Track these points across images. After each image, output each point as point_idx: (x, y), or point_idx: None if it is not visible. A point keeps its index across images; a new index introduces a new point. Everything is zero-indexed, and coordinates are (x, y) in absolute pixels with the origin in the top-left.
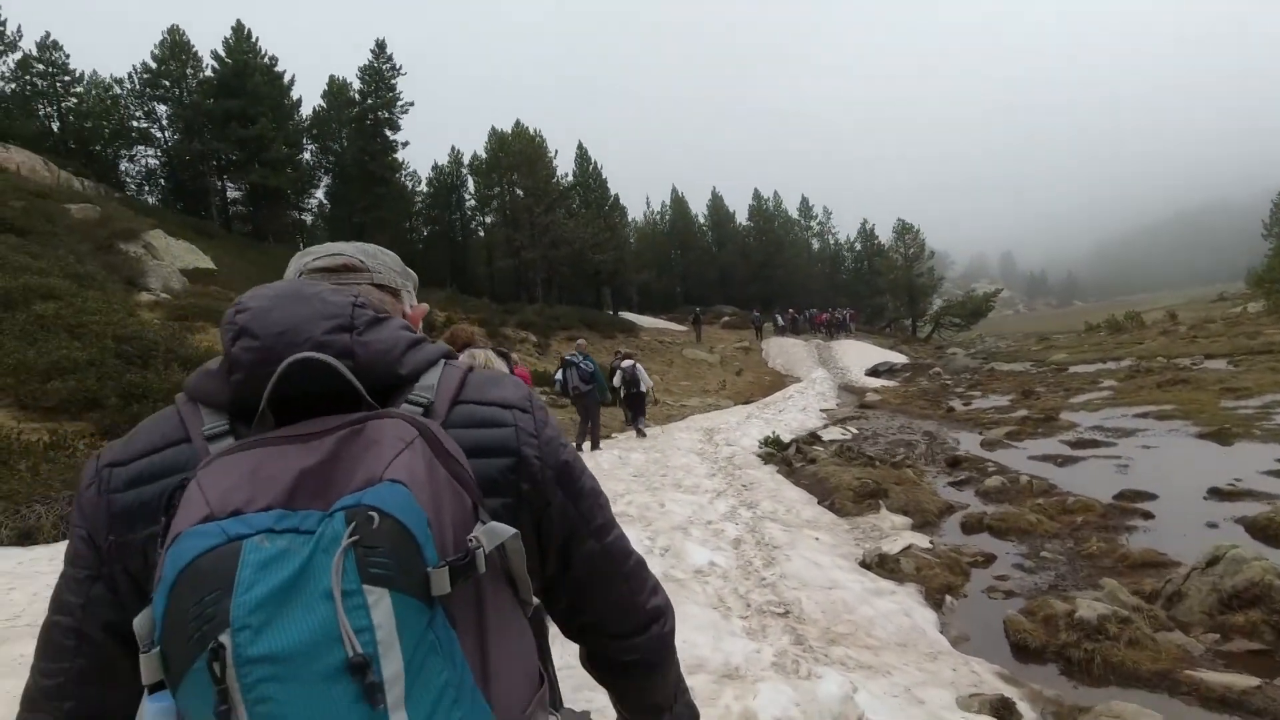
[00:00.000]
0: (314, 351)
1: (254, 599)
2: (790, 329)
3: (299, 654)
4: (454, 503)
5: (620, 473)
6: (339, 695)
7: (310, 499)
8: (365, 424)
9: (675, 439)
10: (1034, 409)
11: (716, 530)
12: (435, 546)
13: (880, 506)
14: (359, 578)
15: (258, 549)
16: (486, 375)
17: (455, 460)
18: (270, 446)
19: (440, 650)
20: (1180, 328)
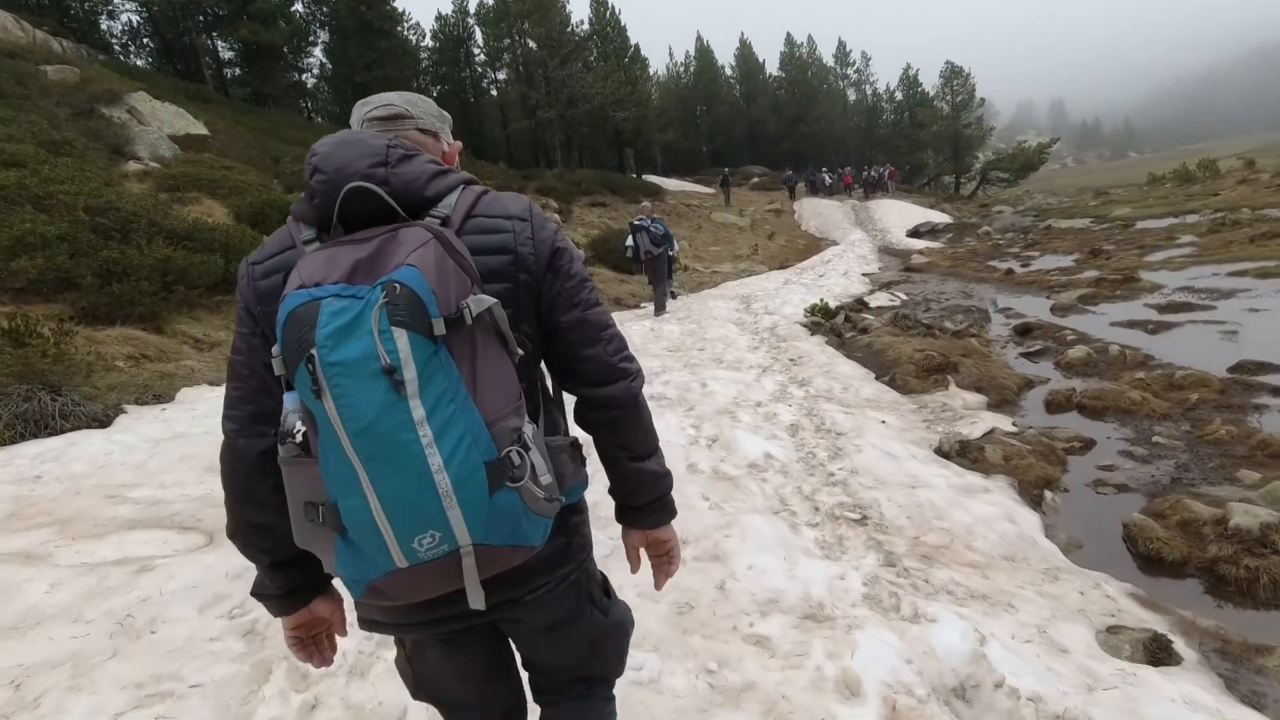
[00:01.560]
0: (362, 181)
1: (328, 330)
2: (823, 189)
3: (355, 362)
4: (458, 282)
5: (653, 347)
6: (380, 386)
7: (364, 277)
8: (398, 231)
9: (710, 307)
10: (1106, 269)
11: (768, 414)
12: (439, 305)
13: (949, 382)
14: (389, 322)
15: (330, 305)
16: (497, 195)
17: (461, 255)
18: (339, 246)
19: (442, 369)
20: (1262, 175)
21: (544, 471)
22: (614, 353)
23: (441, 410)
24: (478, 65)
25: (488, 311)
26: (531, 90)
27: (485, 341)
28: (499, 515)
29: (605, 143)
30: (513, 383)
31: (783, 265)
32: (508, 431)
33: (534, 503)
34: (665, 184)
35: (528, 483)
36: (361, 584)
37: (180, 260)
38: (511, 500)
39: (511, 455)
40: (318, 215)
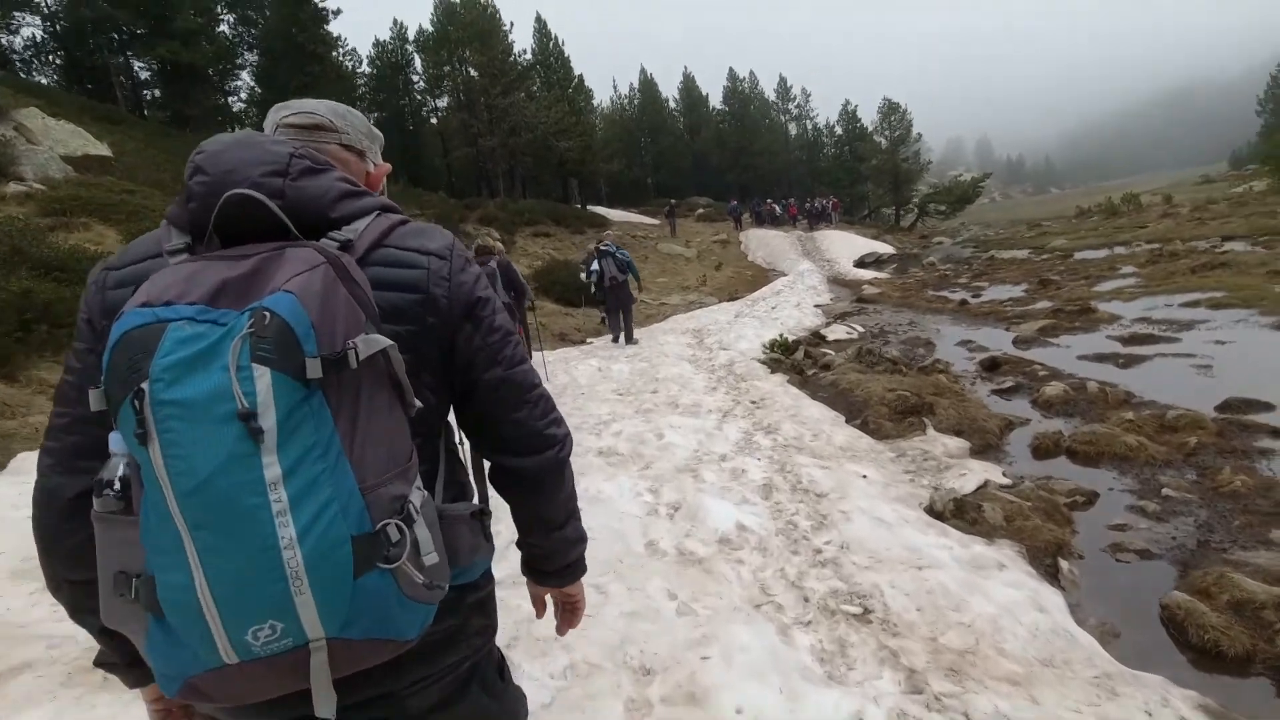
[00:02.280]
0: (250, 190)
1: (169, 362)
2: (769, 220)
3: (198, 402)
4: (349, 316)
5: (602, 389)
6: (224, 434)
7: (232, 301)
8: (285, 250)
9: (661, 343)
10: (1059, 299)
11: (735, 471)
12: (319, 343)
13: (926, 426)
14: (249, 358)
15: (179, 330)
16: (418, 226)
17: (357, 285)
18: (209, 261)
19: (312, 419)
20: (1181, 210)
21: (429, 550)
22: (541, 417)
23: (304, 470)
24: (417, 92)
25: (382, 354)
26: (473, 118)
27: (374, 390)
28: (364, 603)
29: (549, 172)
30: (402, 441)
31: (732, 297)
32: (388, 500)
33: (411, 588)
34: (610, 214)
35: (405, 564)
36: (176, 681)
37: (45, 294)
38: (382, 585)
39: (389, 529)
40: (191, 222)
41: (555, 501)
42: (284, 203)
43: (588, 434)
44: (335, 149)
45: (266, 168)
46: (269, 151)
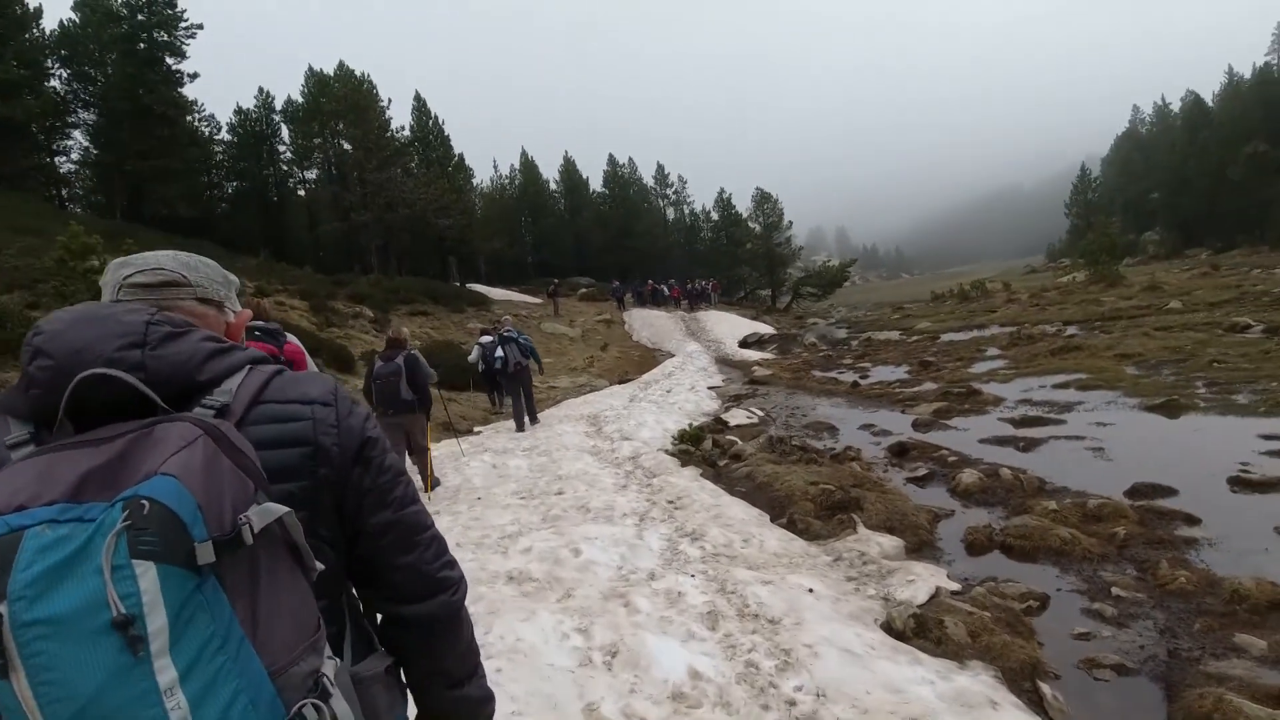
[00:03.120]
0: (105, 368)
1: (30, 575)
2: (651, 301)
3: (70, 617)
4: (237, 488)
5: (500, 491)
6: (105, 647)
7: (98, 492)
8: (154, 428)
9: (557, 432)
10: (942, 380)
11: (671, 594)
12: (207, 525)
13: (856, 523)
14: (128, 554)
15: (39, 536)
16: (294, 376)
17: (241, 453)
18: (64, 451)
19: (207, 609)
20: (1021, 296)
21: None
22: (433, 559)
23: (203, 667)
24: (283, 163)
25: (277, 523)
26: (346, 192)
27: (272, 561)
28: None
29: (428, 250)
30: (308, 610)
31: (623, 379)
32: (300, 679)
33: None
34: (491, 293)
35: None
36: None
37: None
38: None
39: (305, 712)
40: (34, 410)
41: (453, 652)
42: (145, 375)
43: (492, 552)
44: (190, 304)
45: (121, 340)
46: (121, 323)
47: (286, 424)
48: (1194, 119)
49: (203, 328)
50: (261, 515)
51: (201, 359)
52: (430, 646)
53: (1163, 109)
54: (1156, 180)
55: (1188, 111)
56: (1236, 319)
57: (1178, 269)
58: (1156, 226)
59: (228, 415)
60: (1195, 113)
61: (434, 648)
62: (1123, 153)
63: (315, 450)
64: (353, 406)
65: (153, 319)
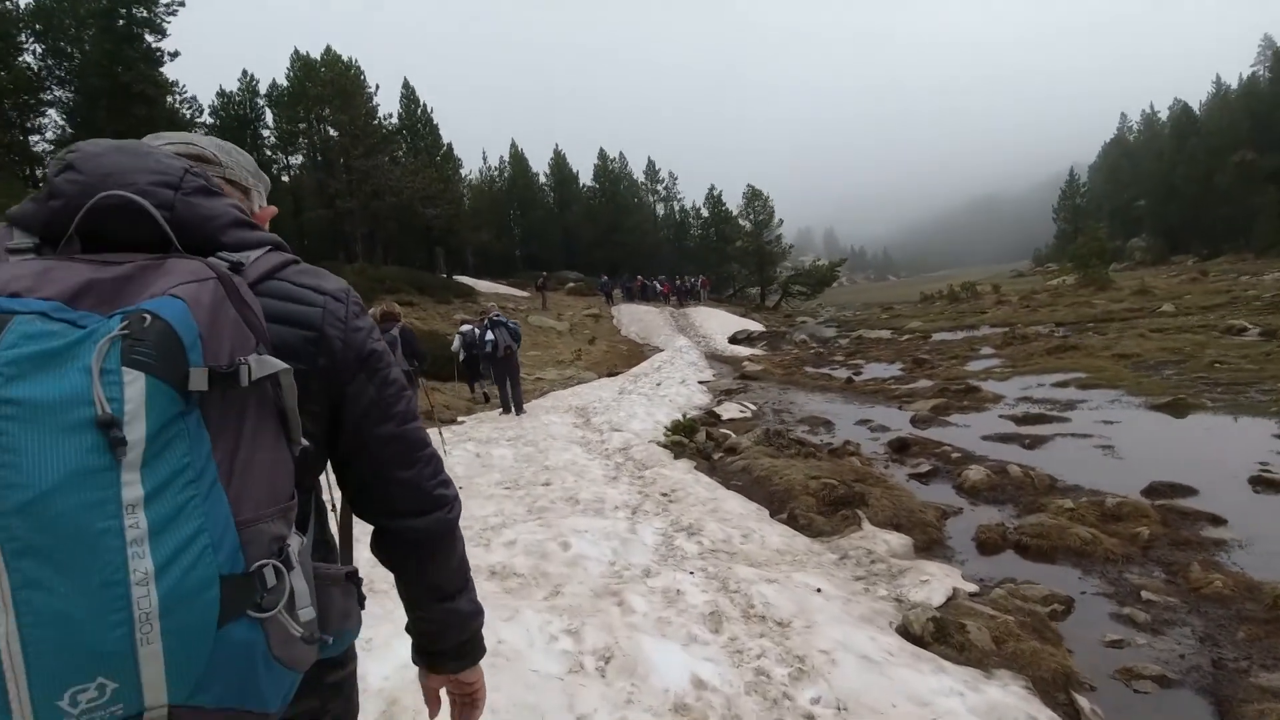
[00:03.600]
0: (135, 195)
1: (12, 355)
2: (639, 296)
3: (46, 405)
4: (237, 337)
5: (482, 481)
6: (76, 444)
7: (97, 304)
8: (166, 260)
9: (545, 423)
10: (937, 378)
11: (668, 593)
12: (205, 354)
13: (860, 519)
14: (120, 360)
15: (28, 323)
16: (311, 267)
17: (249, 309)
18: (66, 261)
19: (188, 437)
20: (1012, 299)
21: (306, 604)
22: (431, 476)
23: (171, 495)
24: (268, 148)
25: (273, 380)
26: (331, 179)
27: (259, 419)
28: (225, 660)
29: (414, 239)
30: (285, 477)
31: (611, 372)
32: (267, 539)
33: (284, 645)
34: (478, 285)
35: (281, 614)
36: None
37: None
38: (250, 638)
39: (265, 572)
40: (47, 222)
41: (447, 567)
42: (171, 215)
43: (473, 544)
44: (219, 183)
45: (156, 177)
46: (161, 163)
47: (296, 305)
48: (1182, 127)
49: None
50: (260, 365)
51: (228, 222)
52: (424, 561)
53: (1151, 117)
54: (1143, 188)
55: (1176, 120)
56: (1232, 322)
57: (1165, 274)
58: (1143, 233)
59: (241, 274)
60: (1183, 121)
61: (428, 562)
62: (1110, 160)
63: (320, 338)
64: (362, 312)
65: (191, 169)
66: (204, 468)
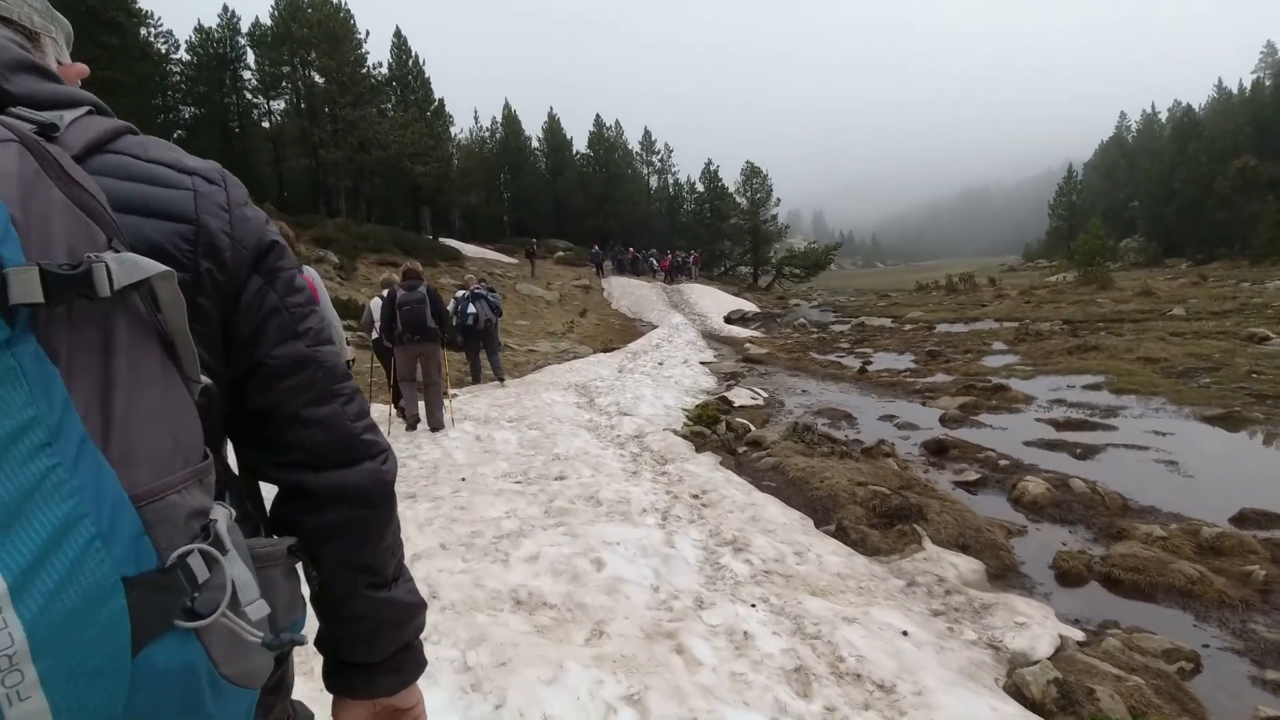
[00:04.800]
0: None
1: None
2: (630, 269)
3: None
4: (77, 231)
5: (488, 471)
6: None
7: None
8: None
9: (546, 402)
10: (955, 373)
11: (733, 634)
12: (28, 246)
13: (920, 537)
14: None
15: None
16: (160, 140)
17: (81, 188)
18: None
19: (25, 381)
20: (1011, 292)
21: (254, 596)
22: (356, 417)
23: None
24: (248, 90)
25: (147, 288)
26: (315, 127)
27: (137, 345)
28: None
29: (400, 197)
30: (192, 429)
31: (607, 348)
32: (182, 515)
33: (235, 658)
34: (465, 249)
35: (225, 616)
36: None
37: None
38: (184, 659)
39: (190, 562)
40: None
41: (379, 543)
42: None
43: (488, 559)
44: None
45: None
46: None
47: (151, 187)
48: (1184, 129)
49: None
50: (125, 267)
51: (10, 63)
52: (350, 532)
53: (1151, 117)
54: (1139, 188)
55: (1177, 122)
56: (1253, 330)
57: (1162, 277)
58: (1135, 234)
59: (58, 143)
60: (1185, 124)
61: (354, 534)
62: (1108, 158)
63: (197, 232)
64: (248, 198)
65: None
66: (61, 423)
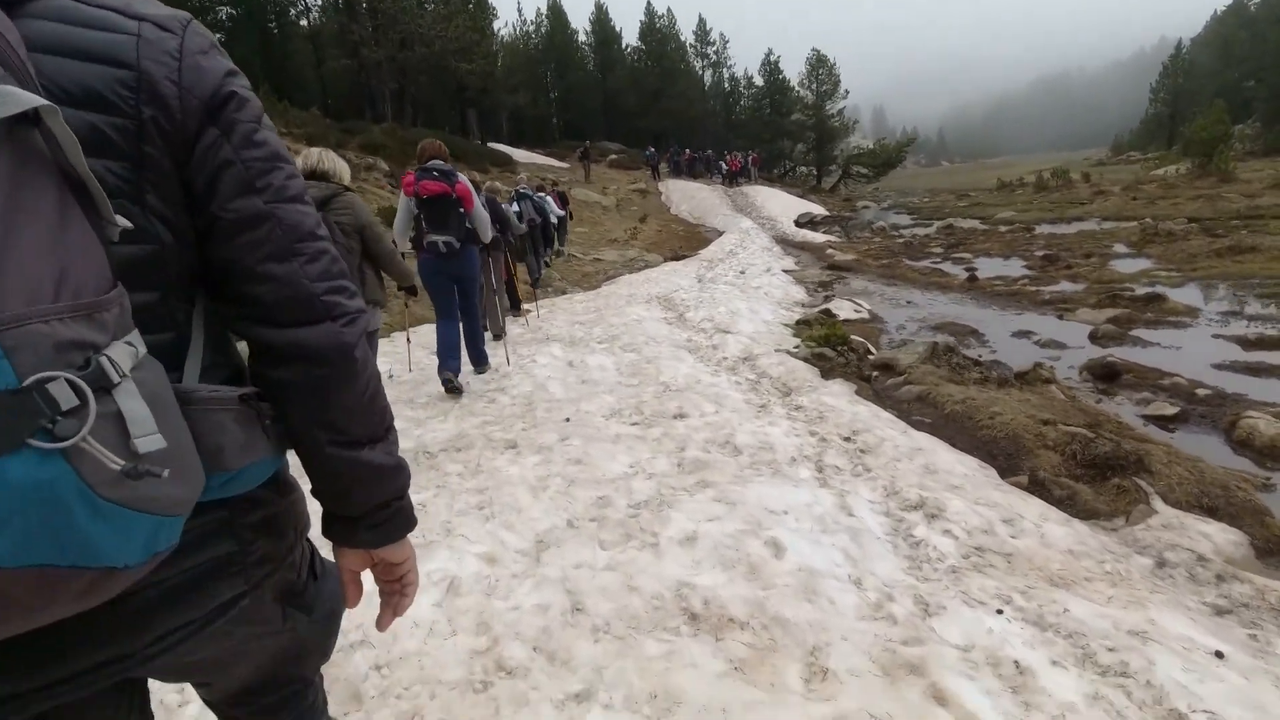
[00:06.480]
0: None
1: None
2: (688, 172)
3: None
4: None
5: (592, 408)
6: None
7: None
8: None
9: (634, 318)
10: (1084, 279)
11: (1000, 669)
12: None
13: (1148, 494)
14: None
15: None
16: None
17: None
18: None
19: None
20: (1113, 189)
21: (147, 430)
22: (318, 277)
23: None
24: None
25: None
26: (354, 24)
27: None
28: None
29: (445, 99)
30: (92, 268)
31: (676, 256)
32: (52, 344)
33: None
34: (514, 154)
35: (88, 444)
36: None
37: None
38: (43, 475)
39: (52, 388)
40: None
41: (345, 402)
42: None
43: (631, 543)
44: None
45: None
46: None
47: (88, 30)
48: None
49: None
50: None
51: None
52: (309, 391)
53: None
54: (1262, 64)
55: None
56: None
57: None
58: (1250, 118)
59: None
60: None
61: (314, 393)
62: (1224, 30)
63: (138, 78)
64: (211, 47)
65: None
66: None
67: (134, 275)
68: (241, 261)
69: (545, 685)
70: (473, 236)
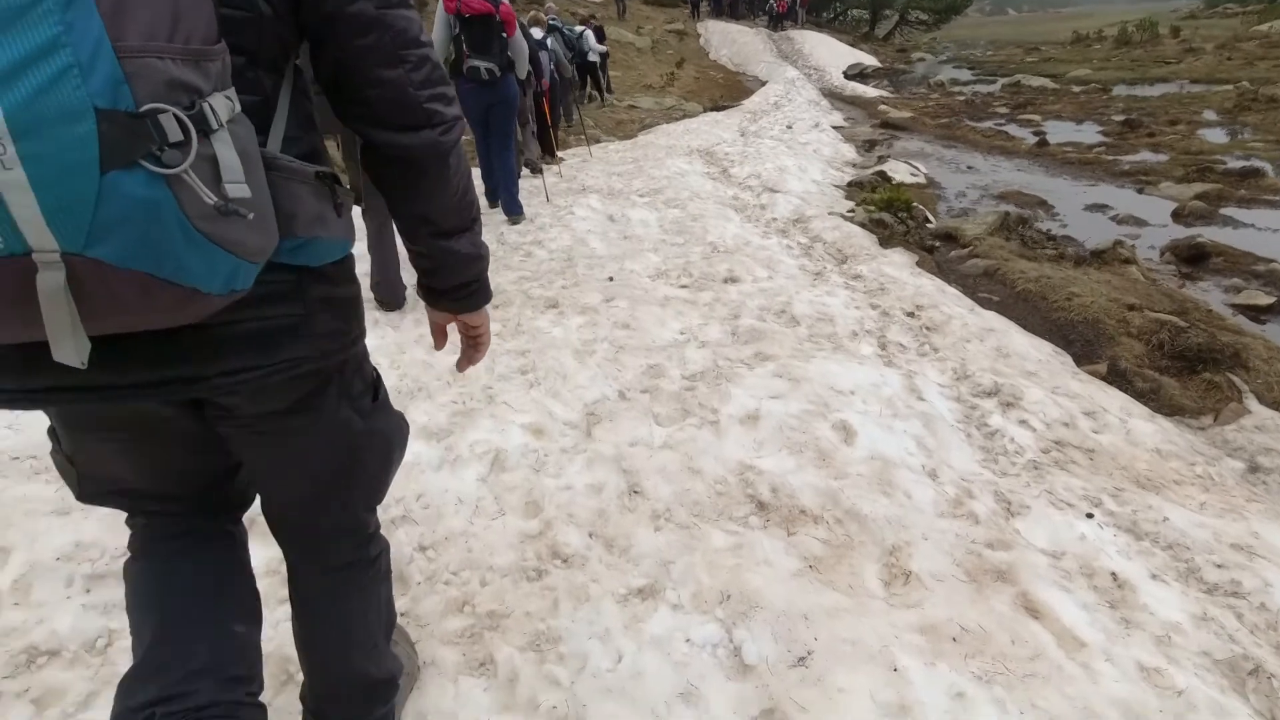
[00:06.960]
0: None
1: None
2: (729, 13)
3: None
4: None
5: (638, 267)
6: None
7: None
8: None
9: (676, 171)
10: (1167, 149)
11: (1094, 578)
12: None
13: (1241, 392)
14: None
15: None
16: None
17: None
18: None
19: None
20: (1205, 46)
21: (237, 178)
22: (422, 84)
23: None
24: None
25: None
26: None
27: None
28: (121, 211)
29: None
30: (198, 16)
31: (717, 106)
32: (165, 81)
33: (207, 217)
34: None
35: (189, 176)
36: None
37: None
38: (150, 195)
39: (163, 119)
40: None
41: (438, 199)
42: None
43: (689, 420)
44: None
45: None
46: None
47: None
48: None
49: None
50: None
51: None
52: (410, 187)
53: None
54: None
55: None
56: None
57: None
58: None
59: None
60: None
61: (414, 189)
62: None
63: None
64: None
65: None
66: None
67: (230, 37)
68: (356, 63)
69: (605, 577)
70: (511, 66)
